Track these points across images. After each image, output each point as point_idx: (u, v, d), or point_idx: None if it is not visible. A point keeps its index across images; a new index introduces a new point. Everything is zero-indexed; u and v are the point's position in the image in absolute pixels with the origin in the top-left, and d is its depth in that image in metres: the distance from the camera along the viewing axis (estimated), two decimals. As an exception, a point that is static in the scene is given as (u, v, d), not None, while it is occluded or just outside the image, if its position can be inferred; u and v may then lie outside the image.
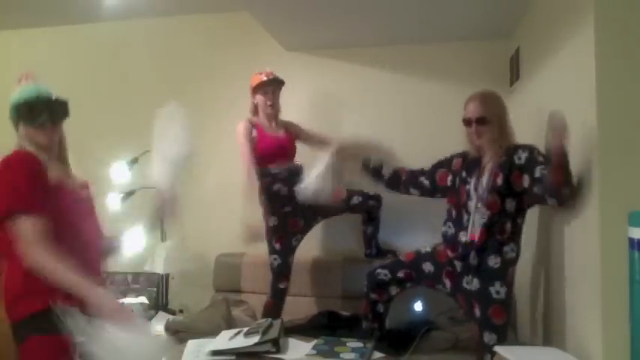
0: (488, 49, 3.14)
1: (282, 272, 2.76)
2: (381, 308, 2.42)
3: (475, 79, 3.12)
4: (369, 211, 2.96)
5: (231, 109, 3.45)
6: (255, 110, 2.87)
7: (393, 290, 2.39)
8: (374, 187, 2.69)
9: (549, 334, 2.23)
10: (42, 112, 1.83)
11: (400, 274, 2.34)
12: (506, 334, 2.11)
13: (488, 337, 2.06)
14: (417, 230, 3.08)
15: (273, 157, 2.79)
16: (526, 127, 2.62)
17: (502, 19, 2.82)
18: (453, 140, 2.34)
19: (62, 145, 1.95)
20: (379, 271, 2.37)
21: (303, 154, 2.90)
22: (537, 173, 1.96)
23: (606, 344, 1.64)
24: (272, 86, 2.81)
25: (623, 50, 1.67)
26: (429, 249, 2.34)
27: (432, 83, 3.24)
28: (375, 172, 2.46)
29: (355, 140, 2.52)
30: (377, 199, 2.92)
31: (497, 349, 1.86)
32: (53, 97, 1.89)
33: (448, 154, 2.41)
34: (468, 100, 2.21)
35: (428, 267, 2.30)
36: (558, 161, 1.78)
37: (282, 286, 2.76)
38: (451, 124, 2.34)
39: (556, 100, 2.18)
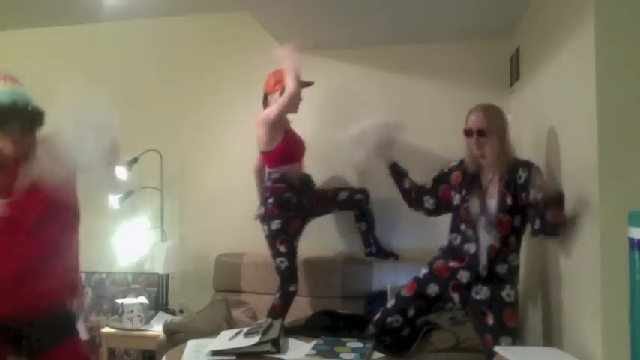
0: (488, 49, 3.14)
1: (291, 275, 2.72)
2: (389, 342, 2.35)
3: (475, 79, 3.13)
4: (357, 206, 2.96)
5: (231, 109, 3.46)
6: None
7: (406, 332, 2.33)
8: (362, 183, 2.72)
9: (549, 334, 2.23)
10: (13, 121, 1.74)
11: (411, 312, 2.28)
12: (518, 337, 2.12)
13: (504, 342, 2.04)
14: (417, 231, 3.08)
15: (295, 156, 2.81)
16: (526, 127, 2.62)
17: (502, 19, 2.82)
18: (452, 140, 2.34)
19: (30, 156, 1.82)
20: (390, 320, 2.30)
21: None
22: (531, 197, 2.00)
23: (606, 344, 1.64)
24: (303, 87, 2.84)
25: (623, 50, 1.67)
26: (425, 270, 2.32)
27: (432, 83, 3.24)
28: (399, 179, 2.44)
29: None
30: (363, 192, 2.94)
31: (497, 349, 1.86)
32: (30, 106, 1.78)
33: (446, 154, 2.40)
34: (470, 111, 2.21)
35: (433, 289, 2.26)
36: (555, 201, 1.86)
37: (292, 289, 2.72)
38: (450, 124, 2.34)
39: (556, 100, 2.18)
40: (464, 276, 2.19)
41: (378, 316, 2.37)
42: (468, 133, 2.18)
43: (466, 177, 2.25)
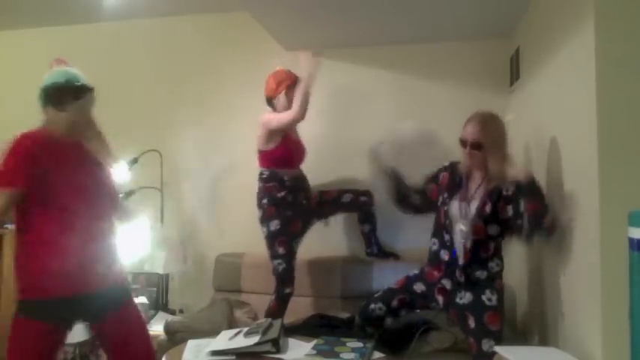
0: (489, 49, 3.14)
1: (288, 277, 2.71)
2: (375, 335, 2.37)
3: (475, 79, 3.13)
4: (361, 209, 2.95)
5: (231, 109, 3.46)
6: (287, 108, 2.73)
7: (389, 321, 2.37)
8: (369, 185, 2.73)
9: (549, 334, 2.23)
10: (68, 97, 1.92)
11: (394, 303, 2.33)
12: (502, 340, 2.11)
13: (487, 345, 2.05)
14: (417, 232, 3.07)
15: (293, 161, 2.79)
16: (526, 127, 2.62)
17: (502, 19, 2.82)
18: (452, 140, 2.34)
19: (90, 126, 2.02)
20: (373, 306, 2.35)
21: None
22: (521, 206, 2.02)
23: (606, 344, 1.64)
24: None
25: (623, 50, 1.67)
26: (416, 271, 2.36)
27: (432, 83, 3.23)
28: (400, 194, 2.42)
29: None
30: (368, 195, 2.92)
31: (498, 349, 1.86)
32: (81, 83, 1.97)
33: (446, 154, 2.41)
34: (468, 118, 2.19)
35: (419, 287, 2.32)
36: (529, 189, 1.89)
37: (288, 290, 2.71)
38: (450, 123, 2.34)
39: (556, 100, 2.18)
40: (447, 284, 2.24)
41: (364, 302, 2.41)
42: (462, 143, 2.19)
43: (453, 179, 2.27)
